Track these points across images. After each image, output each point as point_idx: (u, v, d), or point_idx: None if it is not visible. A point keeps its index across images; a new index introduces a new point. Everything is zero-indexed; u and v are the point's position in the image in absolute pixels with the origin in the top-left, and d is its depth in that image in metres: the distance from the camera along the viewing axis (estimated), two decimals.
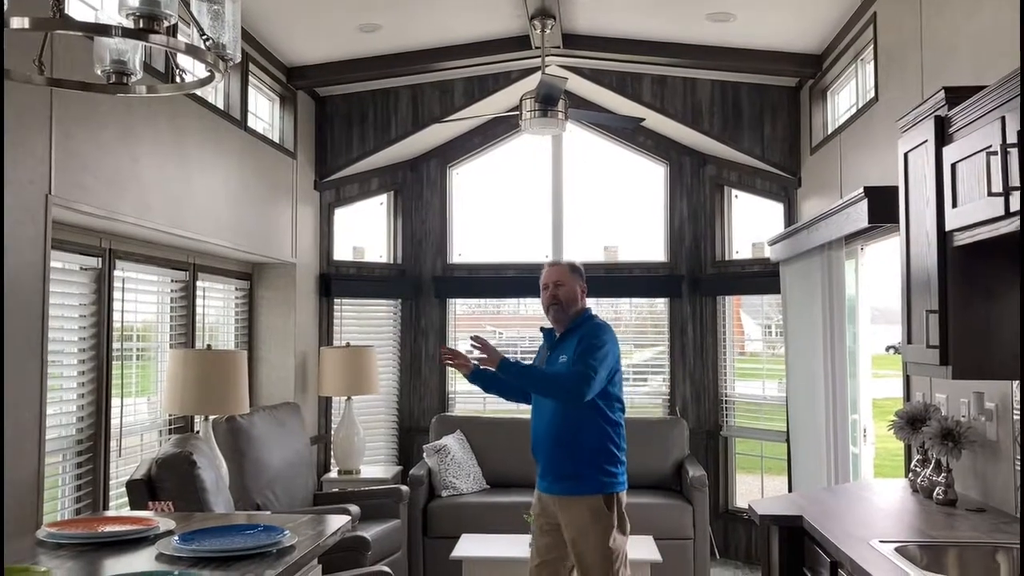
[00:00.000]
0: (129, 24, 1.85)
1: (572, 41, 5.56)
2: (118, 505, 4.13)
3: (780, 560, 3.15)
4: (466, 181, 7.06)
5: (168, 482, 3.65)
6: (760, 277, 6.34)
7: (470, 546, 5.05)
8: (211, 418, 4.61)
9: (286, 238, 5.80)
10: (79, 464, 3.97)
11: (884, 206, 3.71)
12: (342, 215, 6.68)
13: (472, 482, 6.05)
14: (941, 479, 3.24)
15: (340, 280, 6.52)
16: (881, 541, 2.62)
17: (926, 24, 3.81)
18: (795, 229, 5.24)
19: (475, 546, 5.05)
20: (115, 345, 4.25)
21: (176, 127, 4.32)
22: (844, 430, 4.73)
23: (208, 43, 2.02)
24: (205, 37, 2.02)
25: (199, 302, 5.13)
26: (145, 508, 3.54)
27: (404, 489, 5.50)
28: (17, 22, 1.79)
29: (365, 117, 6.27)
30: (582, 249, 6.91)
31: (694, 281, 6.73)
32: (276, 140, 5.77)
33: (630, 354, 7.27)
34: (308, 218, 6.21)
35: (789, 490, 5.68)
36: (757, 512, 3.23)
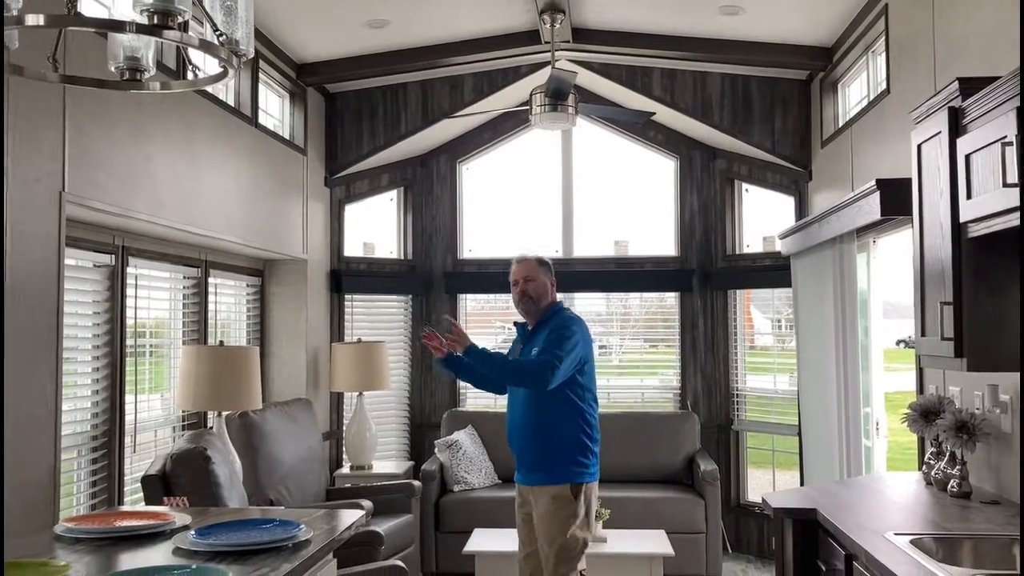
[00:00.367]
0: (143, 20, 1.86)
1: (582, 35, 5.55)
2: (133, 500, 4.15)
3: (794, 553, 3.15)
4: (476, 176, 7.06)
5: (183, 477, 3.67)
6: (771, 271, 6.32)
7: (483, 540, 5.07)
8: (224, 414, 4.63)
9: (297, 234, 5.82)
10: (94, 460, 4.00)
11: (896, 198, 3.69)
12: (352, 211, 6.69)
13: (484, 477, 6.06)
14: (955, 472, 3.23)
15: (351, 276, 6.54)
16: (896, 533, 2.62)
17: (938, 15, 3.79)
18: (806, 222, 5.22)
19: (487, 540, 5.07)
20: (128, 342, 4.27)
21: (187, 124, 4.33)
22: (856, 424, 4.72)
23: (221, 39, 2.03)
24: (218, 33, 2.02)
25: (211, 299, 5.15)
26: (160, 503, 3.56)
27: (416, 484, 5.52)
28: (32, 19, 1.80)
29: (375, 113, 6.28)
30: (592, 244, 6.92)
31: (705, 275, 6.72)
32: (286, 137, 5.78)
33: (639, 349, 7.28)
34: (319, 214, 6.22)
35: (801, 484, 5.68)
36: (771, 505, 3.23)
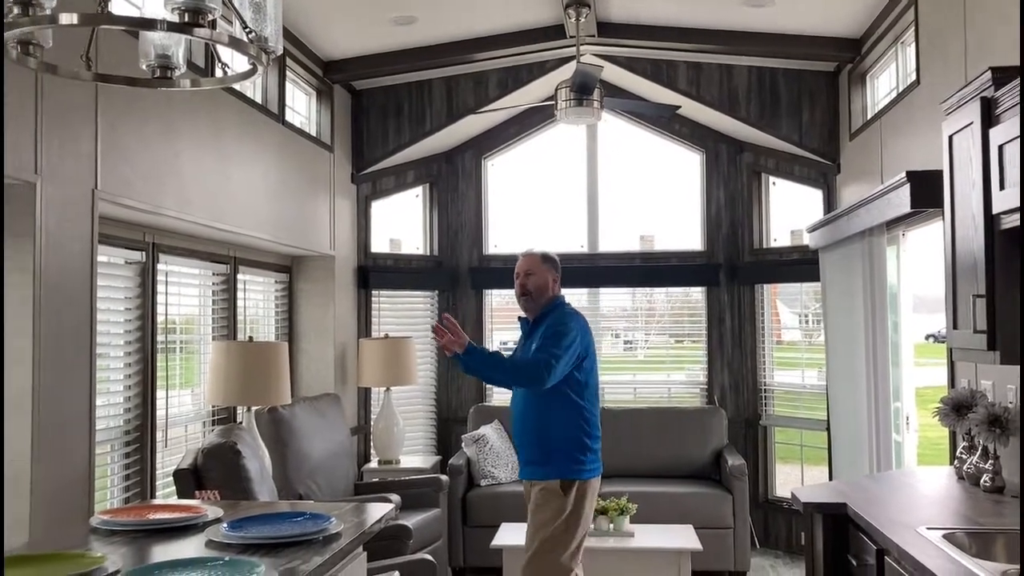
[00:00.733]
0: (174, 18, 1.88)
1: (607, 29, 5.54)
2: (165, 494, 4.21)
3: (824, 548, 3.13)
4: (501, 172, 7.07)
5: (214, 471, 3.71)
6: (799, 265, 6.27)
7: (509, 534, 5.07)
8: (254, 409, 4.67)
9: (324, 231, 5.85)
10: (127, 454, 4.05)
11: (927, 191, 3.65)
12: (379, 208, 6.72)
13: (511, 471, 6.07)
14: (988, 466, 3.19)
15: (378, 272, 6.57)
16: (928, 528, 2.59)
17: (969, 5, 3.74)
18: (835, 216, 5.18)
19: (515, 535, 5.06)
20: (159, 338, 4.32)
21: (215, 122, 4.37)
22: (886, 418, 4.68)
23: (250, 36, 2.04)
24: (247, 30, 2.04)
25: (240, 295, 5.19)
26: (192, 496, 3.60)
27: (444, 479, 5.54)
28: (66, 18, 1.83)
29: (401, 110, 6.30)
30: (618, 238, 6.91)
31: (731, 269, 6.69)
32: (313, 134, 5.82)
33: (665, 345, 7.25)
34: (345, 211, 6.26)
35: (830, 479, 5.63)
36: (800, 499, 3.21)
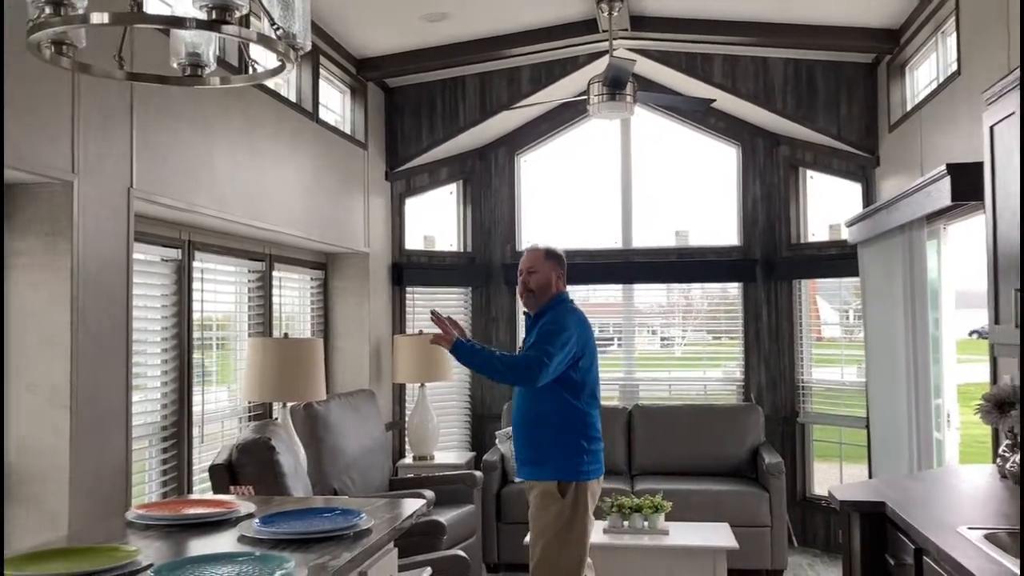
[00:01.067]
0: (202, 16, 1.89)
1: (640, 23, 5.49)
2: (201, 489, 4.25)
3: (862, 547, 3.07)
4: (534, 168, 7.05)
5: (248, 467, 3.74)
6: (837, 260, 6.18)
7: None
8: (289, 405, 4.71)
9: (359, 228, 5.88)
10: (164, 450, 4.10)
11: (968, 183, 3.57)
12: (413, 205, 6.74)
13: None
14: None
15: (412, 269, 6.59)
16: (969, 528, 2.53)
17: None
18: (874, 209, 5.09)
19: None
20: (195, 335, 4.37)
21: (249, 120, 4.41)
22: (927, 416, 4.59)
23: (279, 33, 2.05)
24: (276, 27, 2.05)
25: (276, 292, 5.24)
26: (227, 492, 3.64)
27: (478, 475, 5.54)
28: (97, 17, 1.85)
29: (434, 107, 6.31)
30: (652, 234, 6.86)
31: (768, 265, 6.61)
32: (347, 132, 5.84)
33: (702, 341, 7.19)
34: (380, 208, 6.28)
35: (869, 477, 5.55)
36: (838, 498, 3.16)
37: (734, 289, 6.83)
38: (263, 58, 3.65)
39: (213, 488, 3.78)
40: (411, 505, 2.80)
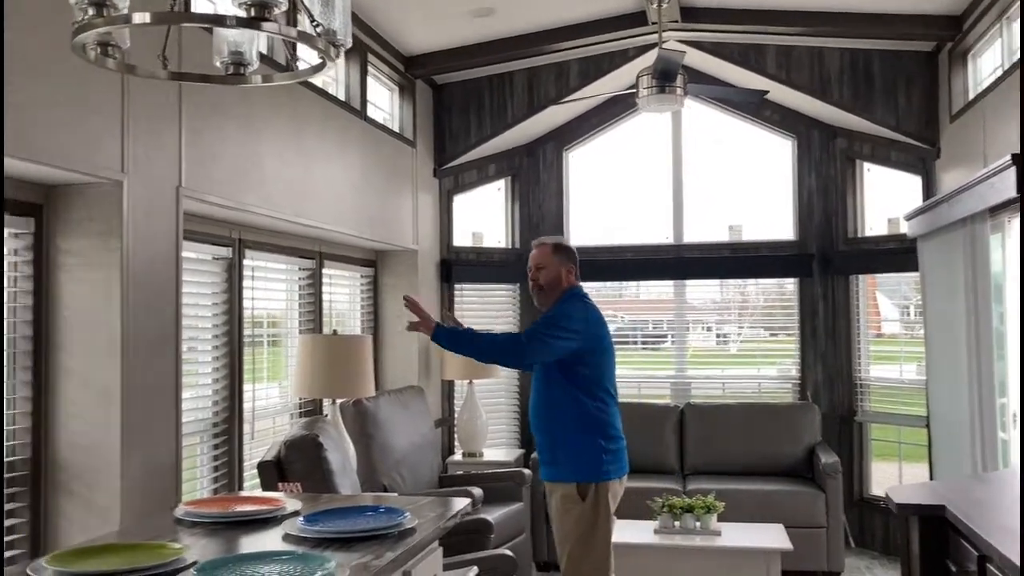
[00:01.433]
0: (242, 14, 1.88)
1: (691, 14, 5.39)
2: (252, 485, 4.29)
3: (921, 552, 2.96)
4: (583, 163, 6.99)
5: (296, 463, 3.75)
6: (896, 254, 6.01)
7: None
8: (338, 402, 4.73)
9: (407, 226, 5.89)
10: (215, 446, 4.15)
11: None
12: (461, 201, 6.74)
13: None
14: None
15: (460, 266, 6.58)
16: None
17: None
18: (934, 202, 4.94)
19: None
20: (247, 332, 4.41)
21: (297, 118, 4.43)
22: (991, 415, 4.43)
23: (319, 29, 2.03)
24: (315, 23, 2.03)
25: (326, 289, 5.26)
26: (275, 488, 3.66)
27: (526, 472, 5.51)
28: (138, 17, 1.85)
29: (482, 103, 6.29)
30: (704, 229, 6.75)
31: (825, 260, 6.46)
32: (395, 129, 5.85)
33: (758, 338, 7.07)
34: (428, 205, 6.28)
35: (930, 478, 5.39)
36: (895, 500, 3.05)
37: (790, 285, 6.69)
38: (310, 57, 3.65)
39: (262, 485, 3.80)
40: (456, 504, 2.78)
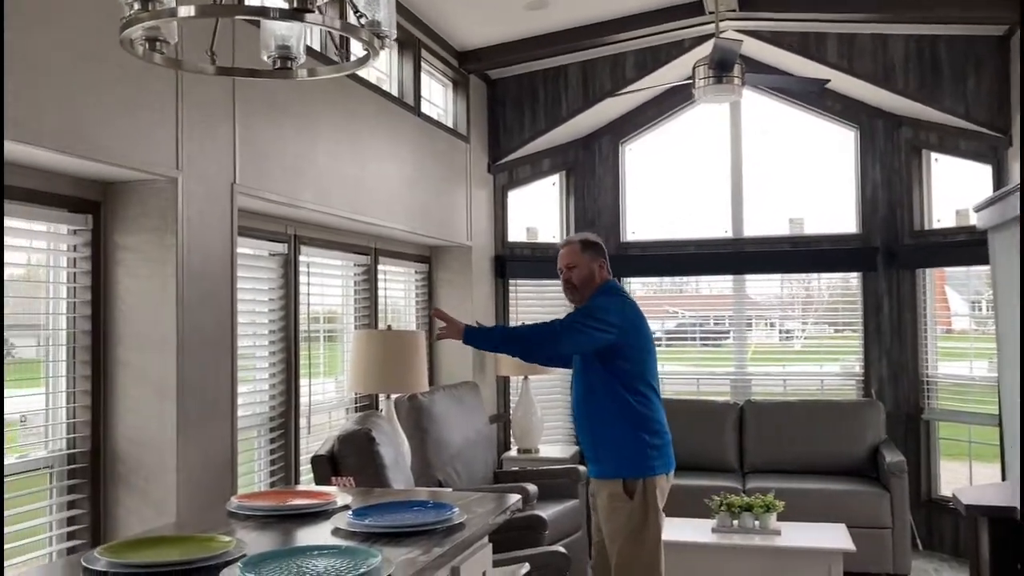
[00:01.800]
0: (286, 6, 1.87)
1: (748, 3, 5.28)
2: (308, 479, 4.32)
3: (991, 555, 2.85)
4: (639, 156, 6.90)
5: (349, 458, 3.77)
6: (966, 247, 5.80)
7: None
8: (393, 397, 4.74)
9: (461, 222, 5.88)
10: (272, 440, 4.19)
11: None
12: (515, 197, 6.71)
13: None
14: None
15: (515, 261, 6.55)
16: None
17: None
18: (1006, 192, 4.73)
19: None
20: (303, 327, 4.44)
21: (350, 114, 4.44)
22: None
23: (363, 21, 2.02)
24: (359, 15, 2.02)
25: (381, 284, 5.29)
26: (329, 482, 3.68)
27: (581, 469, 5.44)
28: (184, 10, 1.86)
29: (536, 97, 6.25)
30: (764, 222, 6.62)
31: (890, 253, 6.27)
32: (449, 125, 5.85)
33: (822, 334, 6.91)
34: (482, 201, 6.27)
35: (1002, 479, 5.19)
36: (963, 502, 2.94)
37: (854, 279, 6.52)
38: (362, 51, 3.65)
39: (315, 478, 3.83)
40: (506, 500, 2.75)
